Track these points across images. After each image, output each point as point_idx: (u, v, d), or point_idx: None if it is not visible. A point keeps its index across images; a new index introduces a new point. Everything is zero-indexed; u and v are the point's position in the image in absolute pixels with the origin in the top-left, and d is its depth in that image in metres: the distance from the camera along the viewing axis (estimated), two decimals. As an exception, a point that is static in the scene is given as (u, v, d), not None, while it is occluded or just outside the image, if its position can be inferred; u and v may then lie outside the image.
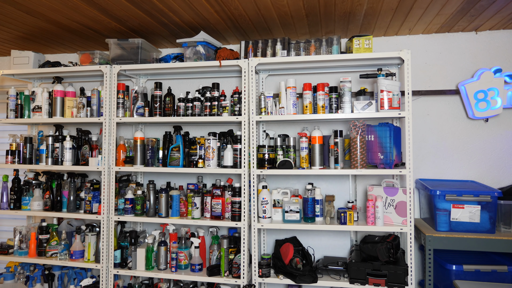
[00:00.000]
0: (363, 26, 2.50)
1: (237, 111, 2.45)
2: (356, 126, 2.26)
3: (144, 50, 2.66)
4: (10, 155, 2.72)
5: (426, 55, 2.62)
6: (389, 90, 2.22)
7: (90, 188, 2.60)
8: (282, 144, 2.48)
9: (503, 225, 2.26)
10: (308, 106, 2.38)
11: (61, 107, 2.70)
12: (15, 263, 2.81)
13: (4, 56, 3.33)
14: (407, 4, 2.12)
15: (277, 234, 2.70)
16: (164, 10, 2.25)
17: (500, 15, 2.27)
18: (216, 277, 2.36)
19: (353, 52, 2.32)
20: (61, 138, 2.70)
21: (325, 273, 2.34)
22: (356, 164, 2.24)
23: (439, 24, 2.44)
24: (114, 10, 2.25)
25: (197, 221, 2.44)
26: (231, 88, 2.82)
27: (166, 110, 2.58)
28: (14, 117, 2.78)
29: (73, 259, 2.58)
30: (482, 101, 2.48)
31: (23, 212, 2.70)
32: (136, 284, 2.61)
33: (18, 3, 2.16)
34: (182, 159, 2.49)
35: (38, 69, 2.78)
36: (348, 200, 2.58)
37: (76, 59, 3.16)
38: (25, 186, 2.75)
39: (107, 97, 2.58)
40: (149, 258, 2.48)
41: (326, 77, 2.70)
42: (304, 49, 2.50)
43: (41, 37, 2.77)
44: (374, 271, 2.17)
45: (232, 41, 2.86)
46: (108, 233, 2.54)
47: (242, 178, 2.36)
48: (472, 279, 2.19)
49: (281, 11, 2.24)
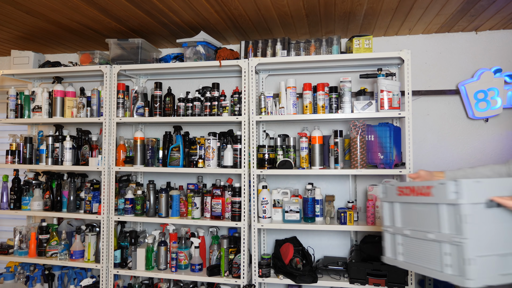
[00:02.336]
0: (363, 26, 2.50)
1: (237, 111, 2.45)
2: (356, 126, 2.26)
3: (144, 50, 2.66)
4: (10, 155, 2.72)
5: (426, 55, 2.62)
6: (389, 90, 2.22)
7: (90, 188, 2.60)
8: (282, 144, 2.48)
9: (503, 225, 2.26)
10: (308, 106, 2.38)
11: (61, 107, 2.70)
12: (15, 263, 2.81)
13: (4, 56, 3.33)
14: (407, 4, 2.12)
15: (277, 234, 2.70)
16: (164, 10, 2.25)
17: (500, 15, 2.27)
18: (216, 277, 2.36)
19: (353, 52, 2.32)
20: (61, 138, 2.70)
21: (325, 273, 2.34)
22: (356, 164, 2.24)
23: (439, 24, 2.44)
24: (114, 10, 2.25)
25: (197, 221, 2.44)
26: (231, 88, 2.81)
27: (166, 110, 2.58)
28: (14, 117, 2.78)
29: (73, 259, 2.58)
30: (482, 101, 2.48)
31: (23, 212, 2.70)
32: (136, 284, 2.61)
33: (18, 3, 2.16)
34: (182, 159, 2.49)
35: (38, 69, 2.78)
36: (348, 200, 2.58)
37: (76, 59, 3.16)
38: (25, 186, 2.75)
39: (107, 97, 2.58)
40: (149, 258, 2.48)
41: (326, 77, 2.70)
42: (304, 49, 2.50)
43: (41, 37, 2.77)
44: (374, 271, 2.17)
45: (232, 41, 2.86)
46: (108, 233, 2.54)
47: (242, 178, 2.36)
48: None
49: (281, 11, 2.24)
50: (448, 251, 1.22)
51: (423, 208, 1.34)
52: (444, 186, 1.23)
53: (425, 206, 1.33)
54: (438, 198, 1.26)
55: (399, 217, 1.47)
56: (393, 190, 1.49)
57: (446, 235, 1.23)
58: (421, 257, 1.34)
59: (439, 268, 1.25)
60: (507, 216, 1.21)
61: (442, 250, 1.24)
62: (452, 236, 1.20)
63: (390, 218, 1.52)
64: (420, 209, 1.36)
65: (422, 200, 1.33)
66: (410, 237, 1.40)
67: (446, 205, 1.24)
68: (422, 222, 1.35)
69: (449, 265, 1.21)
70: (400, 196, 1.45)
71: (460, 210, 1.18)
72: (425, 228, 1.33)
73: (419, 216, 1.36)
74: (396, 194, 1.47)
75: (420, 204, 1.36)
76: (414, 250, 1.38)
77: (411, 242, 1.40)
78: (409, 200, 1.41)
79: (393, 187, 1.50)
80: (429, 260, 1.31)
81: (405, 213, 1.45)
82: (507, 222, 1.21)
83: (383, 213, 1.56)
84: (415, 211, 1.38)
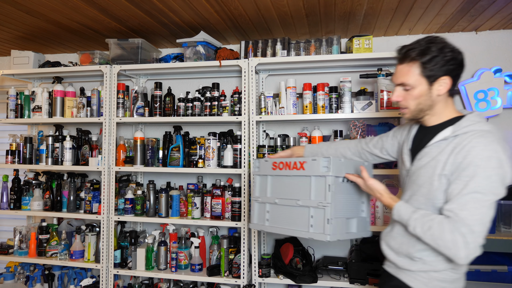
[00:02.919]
0: (363, 26, 2.50)
1: (237, 111, 2.45)
2: (356, 126, 2.26)
3: (144, 50, 2.66)
4: (10, 155, 2.72)
5: (426, 55, 2.62)
6: (389, 90, 2.22)
7: (90, 188, 2.60)
8: (282, 144, 2.47)
9: (503, 225, 2.26)
10: (308, 106, 2.38)
11: (61, 107, 2.70)
12: (15, 263, 2.81)
13: (4, 56, 3.33)
14: (407, 4, 2.12)
15: (277, 234, 2.69)
16: (164, 10, 2.25)
17: (500, 15, 2.27)
18: (216, 277, 2.36)
19: (353, 52, 2.32)
20: (61, 138, 2.70)
21: (325, 273, 2.34)
22: (356, 164, 2.24)
23: (439, 24, 2.44)
24: (114, 10, 2.25)
25: (197, 221, 2.44)
26: (231, 88, 2.81)
27: (166, 110, 2.58)
28: (14, 117, 2.78)
29: (73, 259, 2.58)
30: (482, 101, 2.48)
31: (23, 212, 2.70)
32: (136, 284, 2.61)
33: (18, 3, 2.16)
34: (182, 159, 2.49)
35: (38, 69, 2.78)
36: (348, 200, 2.58)
37: (76, 59, 3.16)
38: (25, 186, 2.75)
39: (107, 97, 2.58)
40: (149, 258, 2.48)
41: (326, 77, 2.70)
42: (304, 49, 2.50)
43: (41, 37, 2.77)
44: (374, 271, 2.17)
45: (232, 41, 2.86)
46: (108, 233, 2.54)
47: (242, 178, 2.36)
48: (472, 279, 2.18)
49: (281, 11, 2.24)
50: (313, 213, 1.50)
51: (294, 180, 1.59)
52: (317, 162, 1.50)
53: (297, 178, 1.59)
54: (310, 171, 1.53)
55: (270, 188, 1.69)
56: (268, 165, 1.70)
57: (314, 201, 1.50)
58: (288, 221, 1.59)
59: (305, 228, 1.52)
60: (352, 189, 1.56)
61: (310, 213, 1.51)
62: (319, 201, 1.48)
63: (260, 189, 1.73)
64: (291, 181, 1.61)
65: (295, 173, 1.59)
66: (279, 205, 1.64)
67: (315, 177, 1.51)
68: (292, 192, 1.60)
69: (313, 225, 1.50)
70: (274, 170, 1.67)
71: (327, 181, 1.46)
72: (295, 196, 1.58)
73: (289, 187, 1.61)
74: (271, 169, 1.68)
75: (292, 177, 1.60)
76: (282, 216, 1.62)
77: (279, 209, 1.64)
78: (282, 174, 1.64)
79: (268, 162, 1.70)
80: (295, 223, 1.56)
81: (276, 185, 1.67)
82: (351, 194, 1.56)
83: (254, 185, 1.76)
84: (287, 183, 1.62)
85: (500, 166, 1.14)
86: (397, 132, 1.54)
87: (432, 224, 1.18)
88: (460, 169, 1.18)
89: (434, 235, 1.17)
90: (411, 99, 1.29)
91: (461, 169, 1.17)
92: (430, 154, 1.27)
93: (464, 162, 1.17)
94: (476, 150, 1.16)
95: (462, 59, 1.28)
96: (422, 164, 1.29)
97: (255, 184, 1.76)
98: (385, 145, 1.57)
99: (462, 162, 1.17)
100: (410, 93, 1.28)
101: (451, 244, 1.13)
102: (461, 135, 1.22)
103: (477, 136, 1.18)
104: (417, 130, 1.42)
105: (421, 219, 1.21)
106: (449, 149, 1.22)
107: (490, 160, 1.14)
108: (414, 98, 1.28)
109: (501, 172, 1.14)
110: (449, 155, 1.21)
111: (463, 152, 1.18)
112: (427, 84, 1.26)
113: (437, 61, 1.23)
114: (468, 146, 1.18)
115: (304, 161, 1.54)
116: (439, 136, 1.27)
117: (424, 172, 1.27)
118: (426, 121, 1.35)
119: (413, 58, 1.27)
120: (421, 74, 1.26)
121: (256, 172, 1.75)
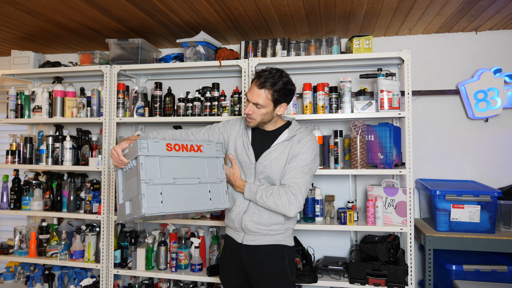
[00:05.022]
0: (363, 26, 2.50)
1: (237, 111, 2.45)
2: (356, 126, 2.26)
3: (144, 50, 2.66)
4: (10, 155, 2.72)
5: (426, 55, 2.62)
6: (389, 90, 2.22)
7: (90, 188, 2.60)
8: (282, 144, 2.48)
9: (503, 225, 2.26)
10: (308, 106, 2.38)
11: (61, 107, 2.70)
12: (15, 263, 2.81)
13: (4, 56, 3.33)
14: (407, 4, 2.12)
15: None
16: (164, 10, 2.25)
17: (500, 15, 2.27)
18: (216, 277, 2.36)
19: (353, 52, 2.32)
20: (61, 138, 2.70)
21: (325, 273, 2.34)
22: (356, 164, 2.24)
23: (439, 24, 2.44)
24: (114, 10, 2.25)
25: (197, 221, 2.44)
26: (231, 88, 2.81)
27: (166, 110, 2.58)
28: (14, 117, 2.78)
29: (73, 259, 2.58)
30: (482, 101, 2.48)
31: (23, 212, 2.70)
32: (136, 284, 2.61)
33: (18, 3, 2.16)
34: (182, 159, 2.49)
35: (38, 69, 2.78)
36: (348, 200, 2.58)
37: (76, 59, 3.16)
38: (25, 186, 2.75)
39: (107, 97, 2.58)
40: (149, 258, 2.48)
41: (326, 77, 2.70)
42: (304, 49, 2.50)
43: (41, 37, 2.77)
44: (374, 271, 2.17)
45: (232, 41, 2.86)
46: (108, 233, 2.54)
47: (242, 178, 2.36)
48: (472, 279, 2.19)
49: (281, 11, 2.24)
50: (210, 189, 1.71)
51: (191, 161, 1.70)
52: (212, 145, 1.77)
53: (193, 159, 1.71)
54: (206, 154, 1.74)
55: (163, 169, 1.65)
56: (160, 146, 1.66)
57: (212, 177, 1.72)
58: (187, 200, 1.64)
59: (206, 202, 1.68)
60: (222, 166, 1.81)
61: (208, 189, 1.70)
62: (217, 177, 1.74)
63: (151, 171, 1.62)
64: (188, 162, 1.70)
65: (193, 154, 1.71)
66: (174, 185, 1.64)
67: (210, 158, 1.74)
68: (190, 172, 1.69)
69: (211, 198, 1.70)
70: (170, 151, 1.67)
71: (219, 161, 1.77)
72: (194, 175, 1.69)
73: (186, 167, 1.68)
74: (165, 150, 1.67)
75: (189, 158, 1.70)
76: (181, 195, 1.64)
77: (176, 189, 1.64)
78: (178, 155, 1.68)
79: (160, 143, 1.66)
80: (196, 200, 1.67)
81: (170, 166, 1.66)
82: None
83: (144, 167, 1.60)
84: (182, 164, 1.68)
85: (316, 153, 1.72)
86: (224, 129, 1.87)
87: (273, 191, 1.65)
88: (294, 155, 1.69)
89: (274, 197, 1.63)
90: (259, 114, 1.70)
91: (295, 154, 1.68)
92: (277, 150, 1.71)
93: (297, 150, 1.69)
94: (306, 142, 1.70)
95: (294, 90, 1.75)
96: (272, 157, 1.71)
97: (145, 166, 1.59)
98: (211, 138, 1.88)
99: (296, 150, 1.69)
100: (260, 110, 1.68)
101: (286, 202, 1.61)
102: (296, 135, 1.74)
103: (304, 134, 1.73)
104: (253, 131, 1.81)
105: (265, 189, 1.67)
106: (290, 145, 1.71)
107: (311, 148, 1.69)
108: (261, 114, 1.69)
109: (315, 156, 1.72)
110: (290, 148, 1.70)
111: (300, 144, 1.69)
112: (273, 106, 1.69)
113: (282, 92, 1.67)
114: (303, 141, 1.70)
115: (201, 144, 1.75)
116: (281, 138, 1.74)
117: (275, 163, 1.70)
118: (265, 128, 1.78)
119: (267, 87, 1.65)
120: (271, 99, 1.67)
121: (145, 153, 1.60)
